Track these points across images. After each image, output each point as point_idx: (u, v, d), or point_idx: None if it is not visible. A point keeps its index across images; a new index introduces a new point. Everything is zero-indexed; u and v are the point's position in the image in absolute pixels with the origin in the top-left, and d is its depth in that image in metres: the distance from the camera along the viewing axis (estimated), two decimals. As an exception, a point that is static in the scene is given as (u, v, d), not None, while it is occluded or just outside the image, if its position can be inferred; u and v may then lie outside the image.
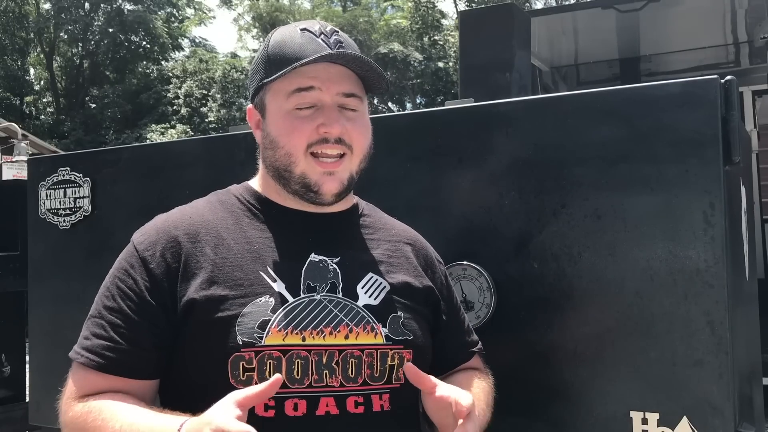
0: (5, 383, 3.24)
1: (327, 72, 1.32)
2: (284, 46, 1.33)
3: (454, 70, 24.57)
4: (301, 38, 1.33)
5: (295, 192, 1.36)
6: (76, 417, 1.24)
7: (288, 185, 1.36)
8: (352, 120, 1.34)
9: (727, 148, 1.56)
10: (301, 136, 1.31)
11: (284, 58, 1.31)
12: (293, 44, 1.33)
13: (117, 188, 2.44)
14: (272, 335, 1.22)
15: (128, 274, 1.28)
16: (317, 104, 1.32)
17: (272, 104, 1.35)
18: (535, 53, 4.06)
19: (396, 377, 1.31)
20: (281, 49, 1.33)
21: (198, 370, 1.25)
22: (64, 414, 1.28)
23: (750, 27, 4.09)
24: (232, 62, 32.20)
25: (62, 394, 1.30)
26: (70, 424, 1.26)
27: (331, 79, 1.32)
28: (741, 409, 1.58)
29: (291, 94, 1.31)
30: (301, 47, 1.31)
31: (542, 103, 1.91)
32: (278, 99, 1.34)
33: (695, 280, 1.55)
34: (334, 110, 1.32)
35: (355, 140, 1.34)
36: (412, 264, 1.44)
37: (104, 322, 1.27)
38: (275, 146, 1.34)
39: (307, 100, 1.31)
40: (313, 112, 1.31)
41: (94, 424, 1.20)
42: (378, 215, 1.51)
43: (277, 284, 1.28)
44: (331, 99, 1.32)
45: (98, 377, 1.26)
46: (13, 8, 32.12)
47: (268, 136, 1.36)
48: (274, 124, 1.35)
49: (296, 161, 1.32)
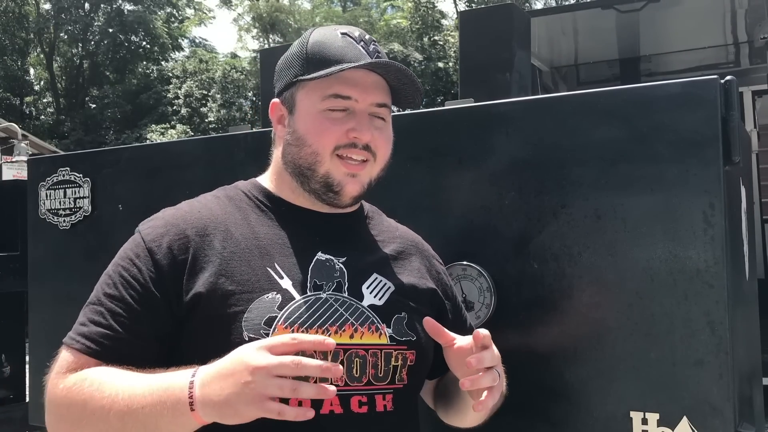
0: (5, 383, 3.24)
1: (365, 80, 1.33)
2: (325, 47, 1.33)
3: (454, 70, 24.56)
4: (342, 42, 1.33)
5: (313, 191, 1.36)
6: (69, 386, 1.19)
7: (307, 183, 1.36)
8: (380, 129, 1.35)
9: (727, 148, 1.56)
10: (330, 137, 1.32)
11: (324, 58, 1.32)
12: (334, 47, 1.33)
13: (117, 188, 2.44)
14: (278, 332, 1.22)
15: (133, 263, 1.27)
16: (350, 109, 1.33)
17: (304, 102, 1.35)
18: (535, 53, 4.06)
19: (399, 377, 1.31)
20: (321, 49, 1.33)
21: (203, 364, 1.24)
22: (54, 387, 1.22)
23: (750, 27, 4.09)
24: (232, 62, 32.20)
25: (50, 371, 1.25)
26: (63, 394, 1.20)
27: (367, 88, 1.33)
28: (741, 409, 1.58)
29: (327, 97, 1.32)
30: (341, 51, 1.32)
31: (542, 103, 1.91)
32: (312, 98, 1.34)
33: (695, 281, 1.55)
34: (365, 117, 1.33)
35: (380, 148, 1.36)
36: (416, 266, 1.45)
37: (104, 310, 1.25)
38: (301, 143, 1.34)
39: (341, 105, 1.32)
40: (345, 116, 1.32)
41: (89, 389, 1.17)
42: (382, 218, 1.52)
43: (284, 281, 1.28)
44: (365, 107, 1.33)
45: (92, 363, 1.22)
46: (13, 8, 32.13)
47: (295, 133, 1.36)
48: (303, 121, 1.34)
49: (322, 161, 1.33)
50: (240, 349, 1.11)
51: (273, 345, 1.08)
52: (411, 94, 1.39)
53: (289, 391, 1.04)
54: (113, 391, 1.15)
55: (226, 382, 1.08)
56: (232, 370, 1.08)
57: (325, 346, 1.10)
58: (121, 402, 1.14)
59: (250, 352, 1.08)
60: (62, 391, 1.21)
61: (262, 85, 3.32)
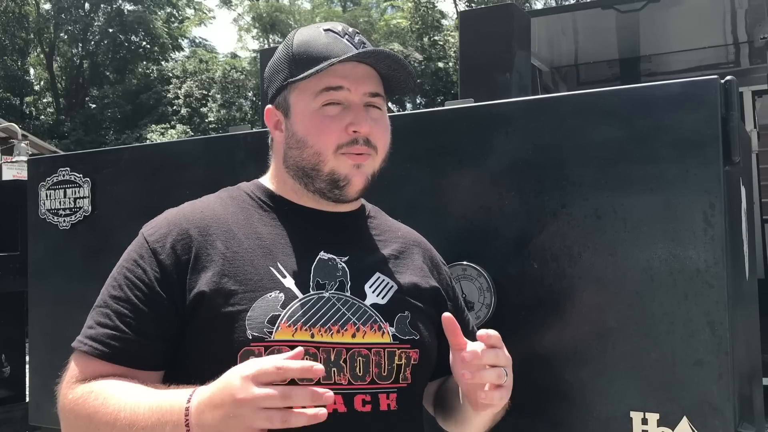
0: (5, 383, 3.24)
1: (354, 71, 1.32)
2: (310, 45, 1.34)
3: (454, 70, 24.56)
4: (326, 38, 1.34)
5: (318, 190, 1.36)
6: (77, 398, 1.22)
7: (312, 183, 1.36)
8: (376, 120, 1.35)
9: (727, 148, 1.56)
10: (331, 135, 1.31)
11: (311, 57, 1.32)
12: (319, 44, 1.33)
13: (117, 188, 2.44)
14: (282, 330, 1.22)
15: (137, 264, 1.28)
16: (345, 103, 1.32)
17: (298, 103, 1.35)
18: (535, 53, 4.06)
19: (403, 377, 1.31)
20: (307, 49, 1.33)
21: (206, 363, 1.23)
22: (64, 397, 1.25)
23: (750, 27, 4.09)
24: (232, 62, 32.22)
25: (61, 380, 1.28)
26: (70, 407, 1.23)
27: (358, 78, 1.32)
28: (741, 409, 1.58)
29: (319, 93, 1.32)
30: (327, 47, 1.32)
31: (542, 103, 1.91)
32: (305, 98, 1.33)
33: (695, 281, 1.55)
34: (361, 109, 1.33)
35: (379, 140, 1.35)
36: (419, 265, 1.45)
37: (110, 311, 1.26)
38: (302, 145, 1.34)
39: (335, 97, 1.32)
40: (341, 111, 1.32)
41: (95, 403, 1.19)
42: (383, 218, 1.52)
43: (287, 280, 1.28)
44: (358, 98, 1.33)
45: (101, 365, 1.24)
46: (13, 8, 32.14)
47: (295, 135, 1.35)
48: (301, 123, 1.34)
49: (325, 160, 1.32)
50: (227, 376, 1.09)
51: (257, 374, 1.05)
52: (403, 79, 1.38)
53: (279, 422, 1.03)
54: (116, 408, 1.17)
55: (217, 412, 1.07)
56: (221, 401, 1.07)
57: (313, 373, 1.05)
58: (123, 420, 1.16)
59: (235, 381, 1.06)
60: (70, 403, 1.23)
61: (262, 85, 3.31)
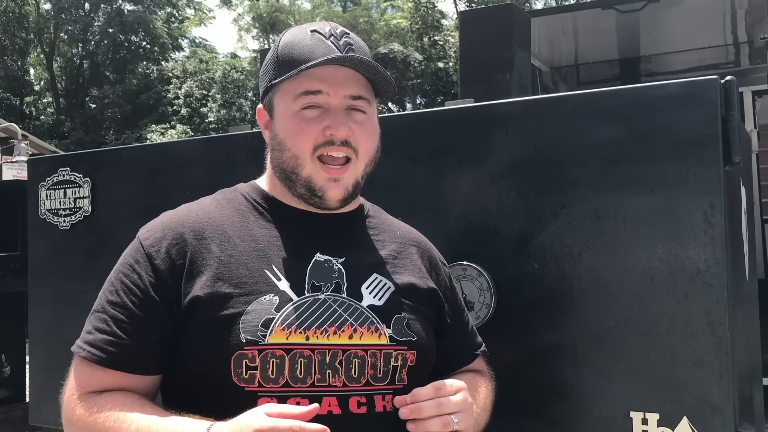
0: (5, 383, 3.24)
1: (335, 75, 1.32)
2: (293, 47, 1.34)
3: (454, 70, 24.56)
4: (310, 40, 1.33)
5: (300, 195, 1.36)
6: (85, 416, 1.23)
7: (294, 188, 1.36)
8: (360, 123, 1.34)
9: (727, 148, 1.56)
10: (307, 138, 1.31)
11: (293, 59, 1.32)
12: (302, 46, 1.33)
13: (117, 188, 2.44)
14: (276, 334, 1.22)
15: (133, 269, 1.28)
16: (324, 106, 1.32)
17: (280, 105, 1.35)
18: (535, 53, 4.05)
19: (399, 378, 1.31)
20: (290, 51, 1.34)
21: (200, 367, 1.24)
22: (70, 411, 1.26)
23: (750, 27, 4.09)
24: (232, 62, 32.21)
25: (64, 389, 1.29)
26: (78, 423, 1.24)
27: (338, 82, 1.32)
28: (741, 409, 1.58)
29: (298, 96, 1.32)
30: (309, 49, 1.31)
31: (542, 103, 1.91)
32: (286, 100, 1.34)
33: (695, 281, 1.55)
34: (340, 113, 1.32)
35: (361, 143, 1.34)
36: (417, 265, 1.44)
37: (107, 317, 1.27)
38: (282, 148, 1.34)
39: (313, 101, 1.31)
40: (320, 114, 1.32)
41: (105, 425, 1.20)
42: (383, 217, 1.51)
43: (282, 283, 1.28)
44: (338, 102, 1.32)
45: (100, 372, 1.25)
46: (13, 8, 32.15)
47: (276, 137, 1.36)
48: (282, 125, 1.35)
49: (303, 164, 1.32)
50: (241, 425, 1.11)
51: (274, 429, 1.08)
52: (383, 84, 1.37)
53: None
54: None
55: None
56: None
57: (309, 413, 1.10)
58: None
59: None
60: (79, 419, 1.24)
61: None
